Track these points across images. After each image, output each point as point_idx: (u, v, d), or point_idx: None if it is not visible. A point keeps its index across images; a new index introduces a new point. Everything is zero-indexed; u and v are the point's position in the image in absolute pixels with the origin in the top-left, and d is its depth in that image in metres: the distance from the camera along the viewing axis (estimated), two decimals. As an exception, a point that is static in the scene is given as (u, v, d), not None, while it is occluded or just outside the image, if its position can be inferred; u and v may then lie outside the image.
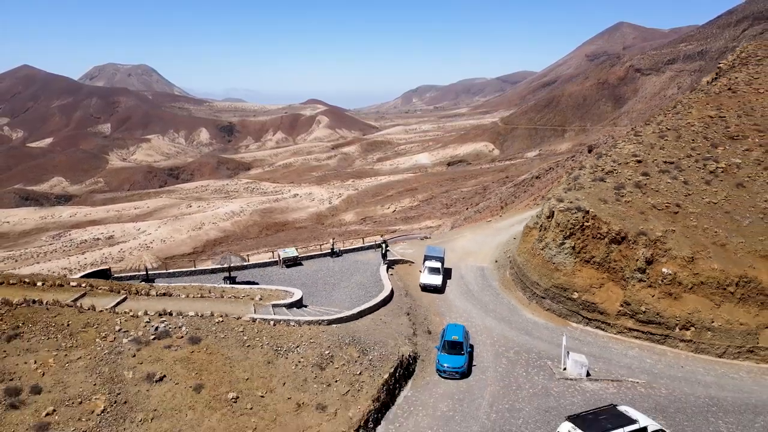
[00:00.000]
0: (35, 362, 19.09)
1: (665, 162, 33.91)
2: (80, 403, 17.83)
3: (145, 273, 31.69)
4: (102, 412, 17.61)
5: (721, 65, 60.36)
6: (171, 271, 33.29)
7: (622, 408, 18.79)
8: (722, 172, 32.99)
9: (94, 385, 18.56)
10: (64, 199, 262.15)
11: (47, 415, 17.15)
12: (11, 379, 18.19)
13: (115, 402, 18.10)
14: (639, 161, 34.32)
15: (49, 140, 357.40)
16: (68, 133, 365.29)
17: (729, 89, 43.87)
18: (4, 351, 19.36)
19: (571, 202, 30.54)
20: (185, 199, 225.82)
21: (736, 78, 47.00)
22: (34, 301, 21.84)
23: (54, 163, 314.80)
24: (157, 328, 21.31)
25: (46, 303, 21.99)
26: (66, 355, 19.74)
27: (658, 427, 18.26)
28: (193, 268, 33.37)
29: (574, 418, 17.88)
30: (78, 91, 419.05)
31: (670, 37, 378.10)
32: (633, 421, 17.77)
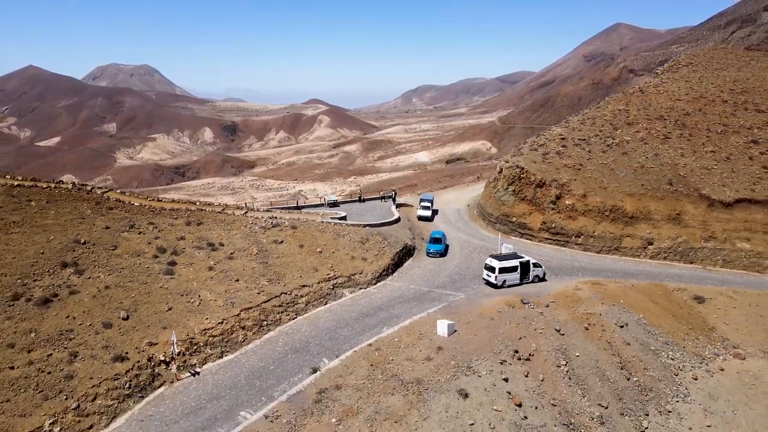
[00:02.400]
0: (215, 234, 37.67)
1: (579, 139, 52.64)
2: (244, 249, 36.39)
3: (245, 206, 50.21)
4: (256, 253, 36.17)
5: (658, 71, 79.39)
6: (258, 207, 51.79)
7: (519, 254, 37.37)
8: (616, 145, 51.70)
9: (248, 243, 37.14)
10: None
11: (231, 253, 35.69)
12: (208, 240, 36.69)
13: (261, 250, 36.68)
14: (563, 138, 53.03)
15: (56, 139, 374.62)
16: (75, 132, 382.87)
17: (640, 90, 62.69)
18: (199, 229, 37.95)
19: (513, 163, 49.24)
20: (193, 196, 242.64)
21: (650, 82, 65.85)
22: (201, 210, 40.40)
23: (63, 162, 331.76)
24: (272, 222, 39.89)
25: (208, 210, 40.57)
26: (229, 232, 38.34)
27: (536, 261, 36.85)
28: (270, 206, 51.94)
29: (493, 256, 36.46)
30: (83, 91, 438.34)
31: (667, 38, 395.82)
32: (522, 257, 36.36)
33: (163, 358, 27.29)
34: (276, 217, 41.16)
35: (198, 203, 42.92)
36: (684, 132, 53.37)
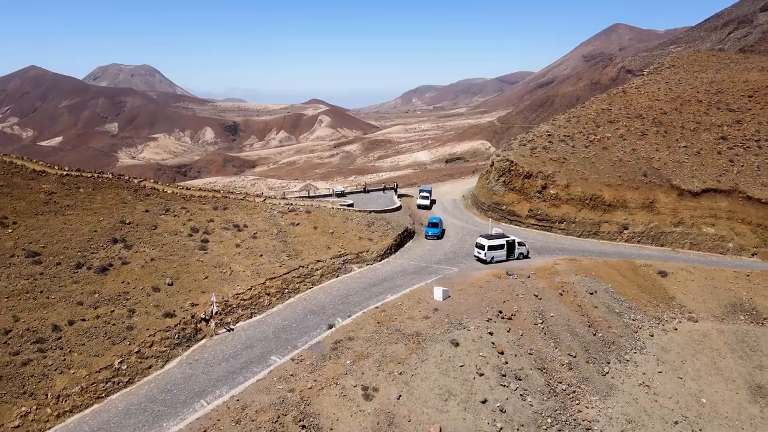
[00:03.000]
0: (240, 217, 43.23)
1: (564, 135, 58.23)
2: (266, 230, 41.94)
3: (263, 194, 55.89)
4: (276, 234, 41.73)
5: (644, 72, 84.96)
6: (274, 195, 57.60)
7: (506, 234, 42.93)
8: (597, 141, 57.28)
9: (269, 225, 42.70)
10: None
11: (255, 233, 41.25)
12: (234, 222, 42.23)
13: (280, 231, 42.23)
14: (549, 134, 58.63)
15: (58, 139, 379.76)
16: (77, 132, 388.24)
17: (622, 91, 68.30)
18: (225, 213, 43.49)
19: (503, 157, 54.83)
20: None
21: (633, 83, 71.43)
22: (225, 197, 45.96)
23: (66, 161, 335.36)
24: (289, 207, 45.44)
25: (232, 197, 46.11)
26: (251, 215, 43.89)
27: (521, 241, 42.40)
28: (284, 195, 57.83)
29: (483, 235, 41.99)
30: (85, 91, 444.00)
31: (665, 38, 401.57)
32: (508, 236, 41.92)
33: (203, 316, 32.81)
34: (291, 204, 46.76)
35: (222, 191, 48.54)
36: (660, 129, 58.94)
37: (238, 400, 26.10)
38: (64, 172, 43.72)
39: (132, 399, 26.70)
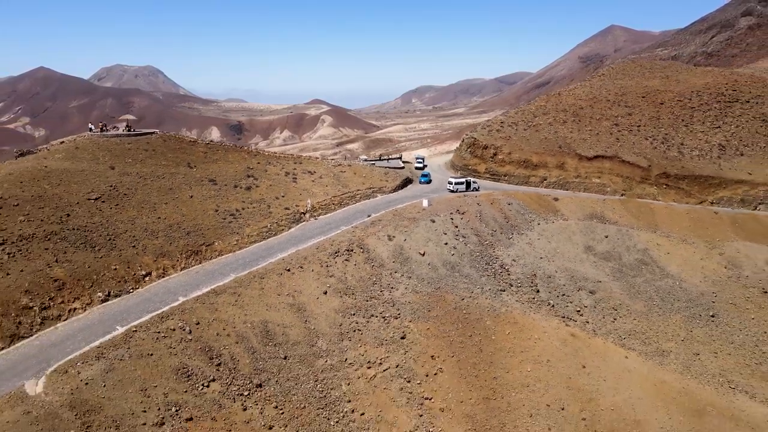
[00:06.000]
0: (310, 168, 77.25)
1: (512, 122, 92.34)
2: (326, 174, 75.98)
3: (320, 157, 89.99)
4: (332, 177, 75.76)
5: (588, 78, 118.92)
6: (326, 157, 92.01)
7: (467, 177, 76.83)
8: (533, 126, 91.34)
9: (327, 172, 76.76)
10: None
11: (321, 176, 75.31)
12: (308, 170, 76.13)
13: (334, 175, 76.29)
14: (502, 122, 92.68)
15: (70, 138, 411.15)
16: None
17: (558, 93, 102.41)
18: (301, 165, 77.48)
19: (470, 135, 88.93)
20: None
21: (568, 86, 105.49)
22: (298, 156, 79.88)
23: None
24: (338, 163, 79.30)
25: (301, 157, 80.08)
26: (316, 167, 77.94)
27: (475, 180, 76.31)
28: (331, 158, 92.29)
29: (451, 176, 75.87)
30: (93, 91, 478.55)
31: (659, 40, 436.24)
32: (467, 178, 75.92)
33: (302, 211, 66.42)
34: (339, 161, 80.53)
35: (294, 155, 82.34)
36: (576, 119, 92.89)
37: (329, 237, 59.77)
38: (206, 141, 77.54)
39: (280, 239, 60.22)
